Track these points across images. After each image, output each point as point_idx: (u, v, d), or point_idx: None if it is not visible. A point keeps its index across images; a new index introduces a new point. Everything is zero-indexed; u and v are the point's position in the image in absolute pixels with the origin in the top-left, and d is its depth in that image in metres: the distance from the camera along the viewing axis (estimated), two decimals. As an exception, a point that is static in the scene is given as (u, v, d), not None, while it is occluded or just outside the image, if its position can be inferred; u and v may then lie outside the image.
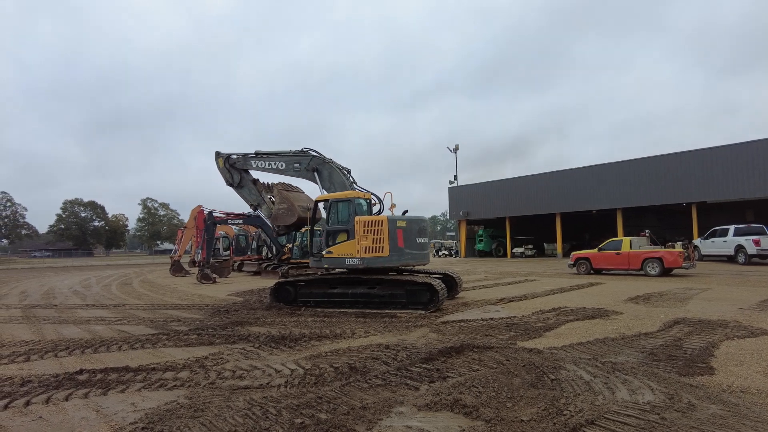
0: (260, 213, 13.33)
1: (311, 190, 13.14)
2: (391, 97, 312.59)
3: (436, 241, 74.78)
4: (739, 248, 22.46)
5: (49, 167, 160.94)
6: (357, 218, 10.36)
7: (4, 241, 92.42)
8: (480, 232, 43.50)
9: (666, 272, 17.26)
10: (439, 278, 11.21)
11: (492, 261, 34.92)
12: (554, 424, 3.75)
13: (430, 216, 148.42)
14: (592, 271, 19.19)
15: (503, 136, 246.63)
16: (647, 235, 19.19)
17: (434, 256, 52.72)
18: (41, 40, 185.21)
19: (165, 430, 3.86)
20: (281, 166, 12.35)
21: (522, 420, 3.85)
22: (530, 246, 39.14)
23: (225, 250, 30.53)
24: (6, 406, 4.60)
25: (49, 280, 25.57)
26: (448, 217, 64.32)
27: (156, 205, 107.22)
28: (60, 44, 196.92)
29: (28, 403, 4.67)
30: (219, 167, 13.18)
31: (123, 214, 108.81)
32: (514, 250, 39.10)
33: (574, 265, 19.85)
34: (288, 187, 13.13)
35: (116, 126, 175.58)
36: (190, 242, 28.41)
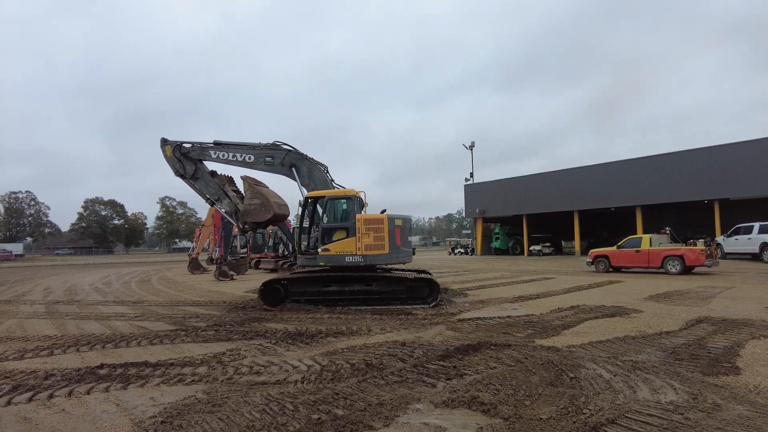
0: (219, 208, 12.22)
1: (274, 185, 12.64)
2: (417, 94, 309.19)
3: (452, 239, 74.52)
4: (764, 246, 21.84)
5: (72, 166, 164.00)
6: (358, 216, 10.40)
7: (28, 239, 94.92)
8: (496, 230, 43.17)
9: (687, 270, 16.89)
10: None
11: (509, 259, 34.63)
12: (574, 422, 3.69)
13: (445, 214, 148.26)
14: (610, 269, 18.88)
15: (532, 132, 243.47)
16: (667, 232, 18.81)
17: (449, 254, 52.50)
18: (71, 41, 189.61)
19: (183, 425, 3.90)
20: (249, 158, 11.51)
21: (541, 418, 3.79)
22: (548, 244, 38.67)
23: (242, 247, 30.73)
24: (30, 399, 4.70)
25: (71, 277, 26.16)
26: (464, 215, 63.80)
27: (174, 203, 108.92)
28: (90, 44, 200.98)
29: (51, 396, 4.77)
30: (166, 156, 12.00)
31: (142, 213, 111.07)
32: (531, 248, 38.68)
33: (592, 263, 19.56)
34: (256, 182, 12.11)
35: (138, 125, 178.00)
36: (208, 240, 28.72)
